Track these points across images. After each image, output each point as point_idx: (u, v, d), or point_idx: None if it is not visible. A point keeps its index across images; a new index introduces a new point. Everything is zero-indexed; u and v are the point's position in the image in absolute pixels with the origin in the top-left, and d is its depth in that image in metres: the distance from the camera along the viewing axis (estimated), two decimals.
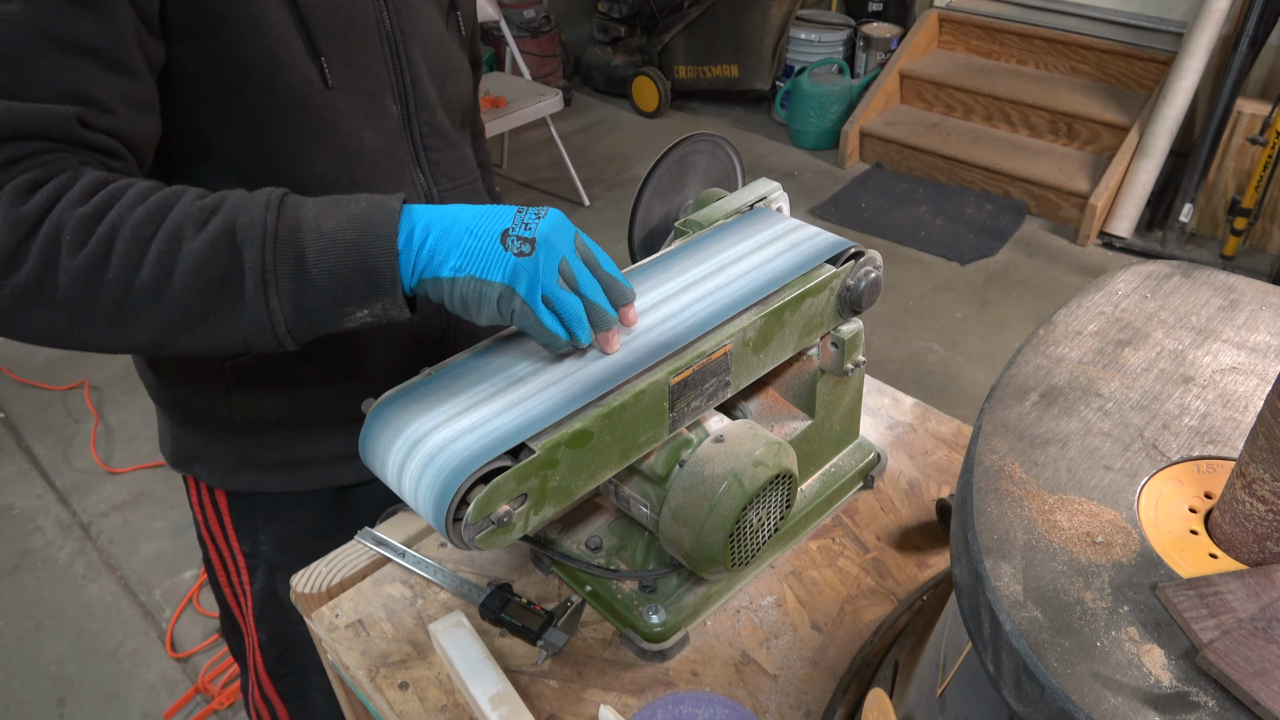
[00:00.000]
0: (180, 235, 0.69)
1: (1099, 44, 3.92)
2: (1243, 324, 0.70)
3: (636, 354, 0.76)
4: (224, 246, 0.69)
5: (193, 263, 0.69)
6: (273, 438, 1.03)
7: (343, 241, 0.70)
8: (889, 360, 3.00)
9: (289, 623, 1.12)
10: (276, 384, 0.98)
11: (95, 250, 0.67)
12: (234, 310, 0.70)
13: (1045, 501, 0.55)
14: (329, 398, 1.00)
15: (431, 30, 0.98)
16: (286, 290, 0.70)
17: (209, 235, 0.69)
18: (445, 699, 0.83)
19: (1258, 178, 3.27)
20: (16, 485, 2.65)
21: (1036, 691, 0.46)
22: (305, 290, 0.71)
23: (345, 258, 0.70)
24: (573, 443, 0.70)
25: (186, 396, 1.02)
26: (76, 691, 2.06)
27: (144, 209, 0.69)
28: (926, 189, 3.98)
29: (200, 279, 0.69)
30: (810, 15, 4.51)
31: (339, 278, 0.71)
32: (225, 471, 1.05)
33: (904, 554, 0.97)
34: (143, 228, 0.69)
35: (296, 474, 1.05)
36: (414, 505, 0.69)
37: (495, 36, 4.40)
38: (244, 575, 1.12)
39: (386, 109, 0.93)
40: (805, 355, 0.93)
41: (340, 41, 0.86)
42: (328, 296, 0.71)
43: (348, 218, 0.71)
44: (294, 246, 0.70)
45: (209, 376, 0.98)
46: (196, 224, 0.69)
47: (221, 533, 1.11)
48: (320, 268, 0.70)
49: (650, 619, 0.85)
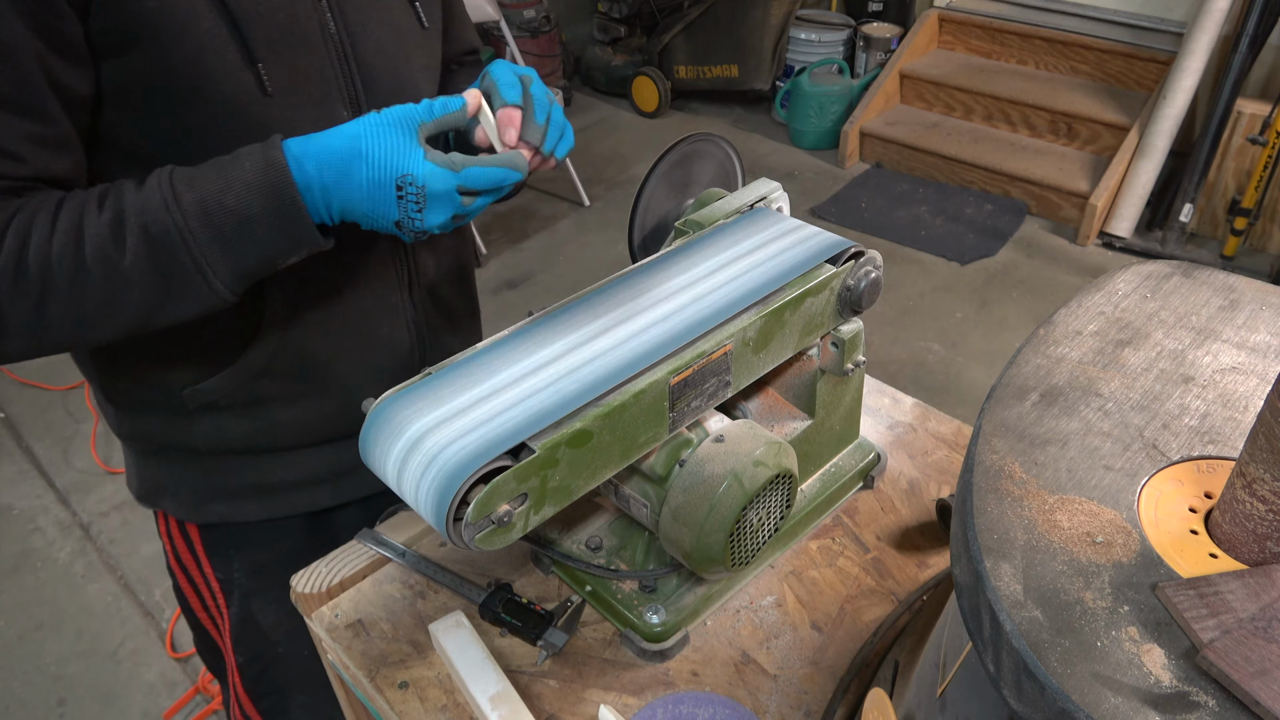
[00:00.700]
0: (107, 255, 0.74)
1: (1099, 44, 3.92)
2: (1243, 324, 0.70)
3: (636, 354, 0.76)
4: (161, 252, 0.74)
5: (139, 269, 0.74)
6: (240, 464, 1.00)
7: (254, 213, 0.75)
8: (889, 360, 3.00)
9: (268, 645, 1.09)
10: (239, 408, 0.95)
11: (31, 295, 0.73)
12: (186, 298, 0.77)
13: (1045, 501, 0.55)
14: (295, 418, 0.98)
15: (387, 28, 0.91)
16: (224, 268, 0.77)
17: (135, 248, 0.74)
18: (445, 699, 0.83)
19: (1258, 178, 3.27)
20: (16, 485, 2.65)
21: (1036, 691, 0.46)
22: (239, 259, 0.77)
23: (263, 228, 0.76)
24: (573, 442, 0.70)
25: (148, 428, 0.98)
26: (76, 691, 2.06)
27: (57, 247, 0.74)
28: (926, 189, 3.98)
29: (146, 295, 0.76)
30: (810, 15, 4.51)
31: (260, 242, 0.76)
32: (194, 503, 1.02)
33: (904, 554, 0.97)
34: (63, 260, 0.74)
35: (268, 501, 1.02)
36: (414, 505, 0.69)
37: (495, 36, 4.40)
38: (219, 600, 1.09)
39: (337, 115, 0.88)
40: (805, 355, 0.93)
41: (281, 47, 0.82)
42: (258, 257, 0.77)
43: (244, 186, 0.75)
44: (213, 233, 0.75)
45: (168, 406, 0.95)
46: (114, 240, 0.74)
47: (194, 562, 1.08)
48: (240, 237, 0.76)
49: (650, 619, 0.85)
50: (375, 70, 0.90)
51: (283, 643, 1.08)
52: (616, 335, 0.78)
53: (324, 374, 0.96)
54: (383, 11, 0.91)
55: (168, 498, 1.03)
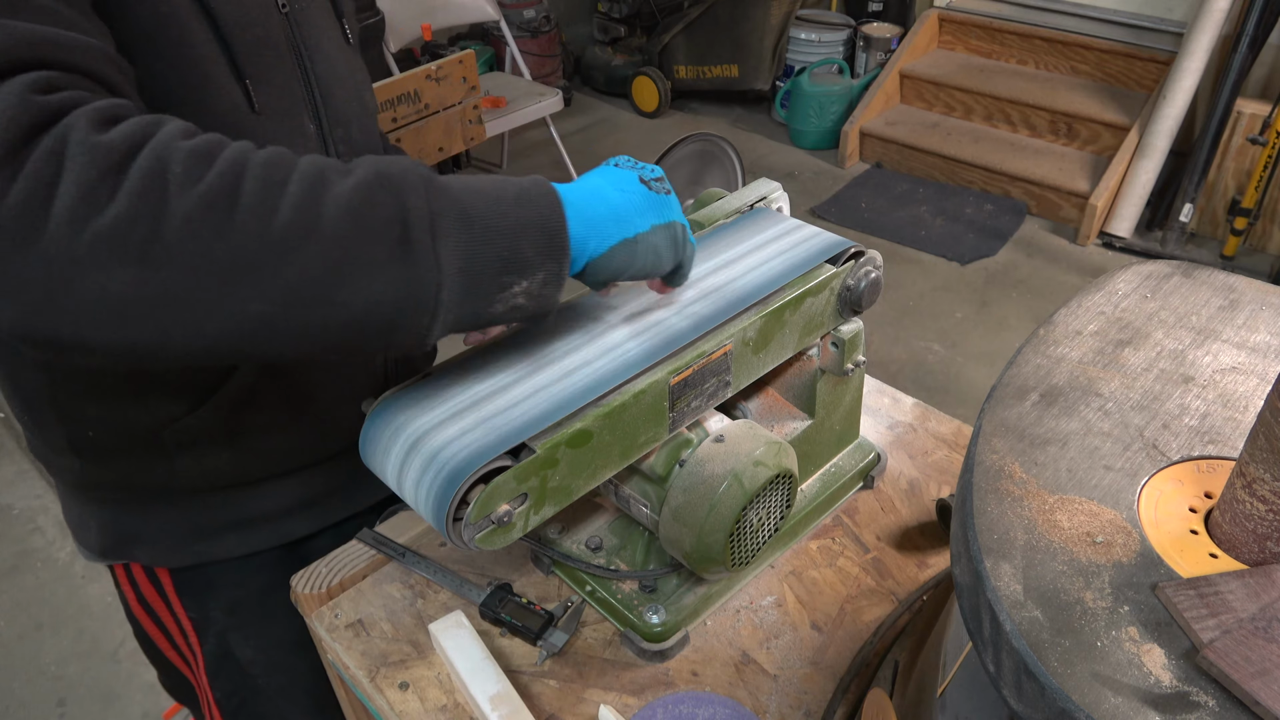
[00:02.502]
0: (324, 176, 0.58)
1: (1099, 44, 3.92)
2: (1243, 324, 0.70)
3: (636, 353, 0.76)
4: (380, 190, 0.58)
5: (345, 204, 0.57)
6: (221, 499, 0.95)
7: (506, 197, 0.63)
8: (889, 360, 3.00)
9: (246, 678, 1.05)
10: (221, 440, 0.90)
11: (217, 186, 0.54)
12: (396, 264, 0.58)
13: (1045, 501, 0.55)
14: (278, 446, 0.94)
15: (332, 40, 0.90)
16: (454, 244, 0.60)
17: (359, 179, 0.58)
18: (445, 699, 0.83)
19: (1258, 178, 3.27)
20: (16, 485, 2.65)
21: (1036, 691, 0.46)
22: (474, 244, 0.61)
23: (513, 212, 0.63)
24: (573, 442, 0.70)
25: (122, 473, 0.91)
26: (76, 691, 2.06)
27: (264, 153, 0.57)
28: (926, 189, 3.98)
29: (356, 224, 0.57)
30: (810, 15, 4.51)
31: (507, 234, 0.62)
32: (172, 546, 0.97)
33: (904, 554, 0.97)
34: (272, 168, 0.56)
35: (247, 535, 0.98)
36: (414, 505, 0.69)
37: (495, 36, 4.40)
38: (192, 639, 1.03)
39: (305, 128, 0.86)
40: (805, 355, 0.93)
41: (259, 61, 0.78)
42: (495, 257, 0.62)
43: (495, 181, 0.65)
44: (453, 201, 0.61)
45: (146, 445, 0.88)
46: (337, 169, 0.59)
47: (164, 605, 1.02)
48: (486, 223, 0.62)
49: (650, 619, 0.85)
50: (330, 83, 0.89)
51: (261, 675, 1.05)
52: (616, 335, 0.78)
53: (305, 399, 0.93)
54: (327, 28, 0.90)
55: (140, 546, 0.96)
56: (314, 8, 0.88)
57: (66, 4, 0.60)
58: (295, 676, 1.06)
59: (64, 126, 0.52)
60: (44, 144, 0.51)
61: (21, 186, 0.50)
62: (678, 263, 0.75)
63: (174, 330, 0.55)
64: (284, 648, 1.03)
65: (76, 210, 0.51)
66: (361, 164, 0.60)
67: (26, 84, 0.53)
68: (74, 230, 0.51)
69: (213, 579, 1.00)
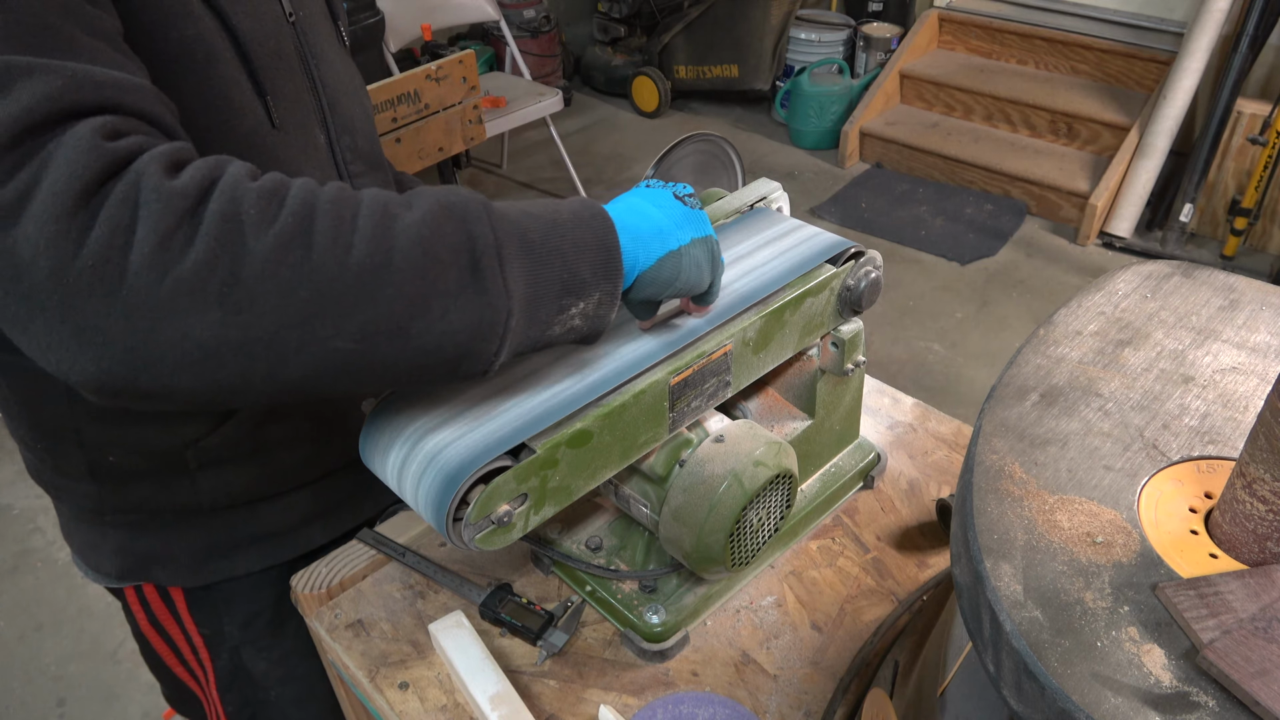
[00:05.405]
0: (389, 210, 0.58)
1: (1099, 44, 3.92)
2: (1243, 324, 0.70)
3: (636, 354, 0.76)
4: (446, 220, 0.58)
5: (415, 236, 0.57)
6: (242, 515, 0.94)
7: (561, 220, 0.64)
8: (889, 360, 3.00)
9: (258, 692, 1.05)
10: (245, 457, 0.90)
11: (292, 226, 0.54)
12: (468, 293, 0.59)
13: (1045, 501, 0.55)
14: (300, 459, 0.94)
15: (331, 45, 0.90)
16: (518, 270, 0.60)
17: (424, 211, 0.58)
18: (445, 699, 0.83)
19: (1258, 178, 3.27)
20: (16, 485, 2.64)
21: (1036, 691, 0.46)
22: (537, 268, 0.61)
23: (571, 234, 0.63)
24: (573, 443, 0.70)
25: (143, 495, 0.90)
26: (76, 691, 2.06)
27: (330, 189, 0.57)
28: (926, 189, 3.98)
29: (427, 255, 0.57)
30: (810, 15, 4.51)
31: (566, 256, 0.63)
32: (190, 565, 0.95)
33: (904, 554, 0.97)
34: (340, 204, 0.56)
35: (265, 549, 0.98)
36: (414, 505, 0.69)
37: (495, 36, 4.40)
38: (203, 655, 1.03)
39: (316, 140, 0.85)
40: (805, 355, 0.93)
41: (275, 75, 0.78)
42: (556, 280, 0.62)
43: (547, 205, 0.65)
44: (514, 226, 0.61)
45: (169, 466, 0.87)
46: (398, 202, 0.59)
47: (175, 623, 1.01)
48: (547, 247, 0.62)
49: (650, 619, 0.85)
50: (335, 90, 0.89)
51: (275, 687, 1.05)
52: (616, 336, 0.78)
53: (324, 407, 0.93)
54: (326, 33, 0.90)
55: (159, 567, 0.95)
56: (315, 14, 0.88)
57: (108, 43, 0.59)
58: (308, 686, 1.06)
59: (134, 173, 0.51)
60: (117, 191, 0.51)
61: (98, 236, 0.49)
62: (714, 278, 0.74)
63: (256, 372, 0.55)
64: (296, 657, 1.04)
65: (155, 258, 0.50)
66: (419, 195, 0.60)
67: (94, 129, 0.52)
68: (154, 278, 0.50)
69: (228, 595, 0.99)
